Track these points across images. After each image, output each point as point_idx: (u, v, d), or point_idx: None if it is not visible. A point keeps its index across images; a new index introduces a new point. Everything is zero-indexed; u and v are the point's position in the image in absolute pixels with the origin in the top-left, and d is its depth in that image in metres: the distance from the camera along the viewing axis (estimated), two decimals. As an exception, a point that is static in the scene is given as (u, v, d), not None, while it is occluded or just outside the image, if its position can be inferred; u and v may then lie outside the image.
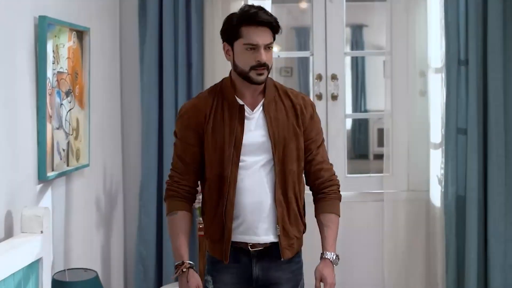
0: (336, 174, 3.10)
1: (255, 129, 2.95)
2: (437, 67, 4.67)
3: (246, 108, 2.96)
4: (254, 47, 2.86)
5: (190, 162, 3.01)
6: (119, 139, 4.71)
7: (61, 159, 3.61)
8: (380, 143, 6.17)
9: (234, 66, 2.95)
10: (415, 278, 4.72)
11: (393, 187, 4.75)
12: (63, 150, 3.65)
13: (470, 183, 4.54)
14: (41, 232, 2.96)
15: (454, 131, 4.58)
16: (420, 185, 4.75)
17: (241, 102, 2.96)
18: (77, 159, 3.84)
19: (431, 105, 4.69)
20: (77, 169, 3.82)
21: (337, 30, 4.82)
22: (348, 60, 8.50)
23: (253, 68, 2.87)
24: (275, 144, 2.93)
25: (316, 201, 3.08)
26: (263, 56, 2.87)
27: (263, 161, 2.95)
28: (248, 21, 2.87)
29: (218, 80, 4.55)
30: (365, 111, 9.56)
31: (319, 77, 4.82)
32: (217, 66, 4.57)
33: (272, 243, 2.98)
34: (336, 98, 4.79)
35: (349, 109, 7.26)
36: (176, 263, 2.97)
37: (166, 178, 4.55)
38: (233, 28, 2.90)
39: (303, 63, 9.14)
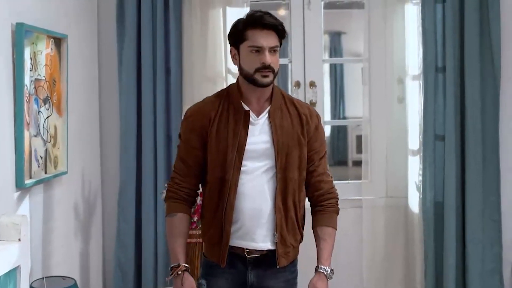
0: (335, 187, 3.12)
1: (259, 135, 2.97)
2: (414, 74, 4.70)
3: (252, 114, 2.97)
4: (258, 49, 2.89)
5: (192, 164, 3.02)
6: (97, 146, 4.69)
7: (39, 166, 3.59)
8: (359, 149, 6.17)
9: (240, 69, 2.97)
10: (394, 284, 4.74)
11: (372, 194, 4.77)
12: (41, 157, 3.62)
13: (448, 189, 4.57)
14: (19, 240, 2.93)
15: (432, 137, 4.60)
16: (398, 191, 4.77)
17: (247, 108, 2.97)
18: (55, 166, 3.82)
19: (409, 111, 4.71)
20: (55, 176, 3.80)
21: (315, 37, 4.83)
22: (326, 67, 8.50)
23: (258, 70, 2.89)
24: (278, 151, 2.95)
25: (314, 213, 3.10)
26: (268, 58, 2.88)
27: (265, 167, 2.96)
28: (253, 24, 2.90)
29: (196, 85, 4.56)
30: (344, 118, 9.57)
31: (298, 84, 4.83)
32: (196, 72, 4.57)
33: (269, 251, 3.00)
34: (315, 105, 4.79)
35: (327, 116, 7.25)
36: (172, 265, 2.98)
37: (144, 183, 4.61)
38: (239, 32, 2.93)
39: (282, 70, 9.04)
